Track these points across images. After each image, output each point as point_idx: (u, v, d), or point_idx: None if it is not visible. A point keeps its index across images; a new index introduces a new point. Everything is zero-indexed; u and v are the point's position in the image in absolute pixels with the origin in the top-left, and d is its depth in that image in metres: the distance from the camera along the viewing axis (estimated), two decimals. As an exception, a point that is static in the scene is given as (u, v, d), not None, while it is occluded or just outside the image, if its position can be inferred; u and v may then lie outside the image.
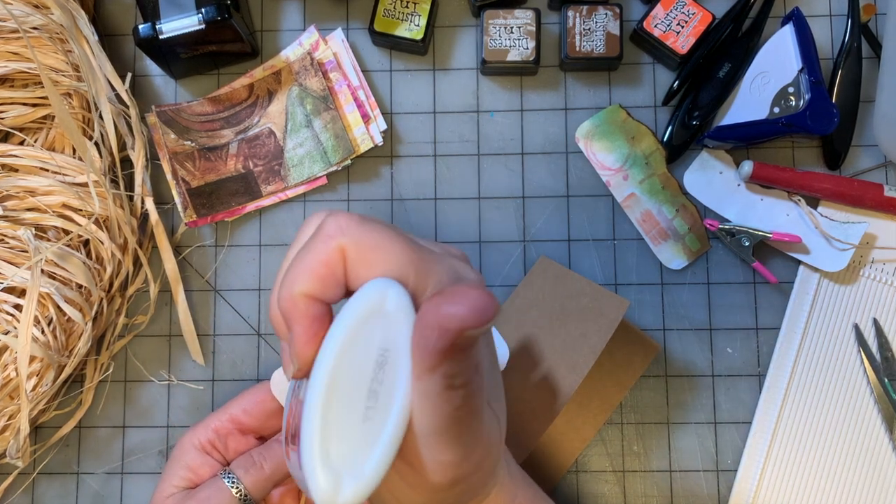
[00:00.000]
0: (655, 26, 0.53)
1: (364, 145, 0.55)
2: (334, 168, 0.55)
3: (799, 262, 0.54)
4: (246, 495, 0.39)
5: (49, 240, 0.51)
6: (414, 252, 0.26)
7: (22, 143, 0.54)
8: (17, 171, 0.53)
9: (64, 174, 0.52)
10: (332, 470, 0.24)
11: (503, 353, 0.47)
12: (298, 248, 0.27)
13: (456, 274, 0.28)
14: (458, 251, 0.30)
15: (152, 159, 0.56)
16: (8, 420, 0.50)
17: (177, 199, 0.55)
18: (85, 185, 0.52)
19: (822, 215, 0.53)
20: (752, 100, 0.53)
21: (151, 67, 0.57)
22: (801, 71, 0.51)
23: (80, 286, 0.51)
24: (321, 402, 0.25)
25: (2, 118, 0.53)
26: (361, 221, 0.26)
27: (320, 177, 0.55)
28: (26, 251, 0.51)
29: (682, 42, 0.53)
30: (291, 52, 0.56)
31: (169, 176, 0.55)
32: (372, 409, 0.25)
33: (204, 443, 0.41)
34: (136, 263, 0.55)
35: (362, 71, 0.56)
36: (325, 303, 0.26)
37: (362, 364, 0.25)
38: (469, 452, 0.26)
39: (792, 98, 0.51)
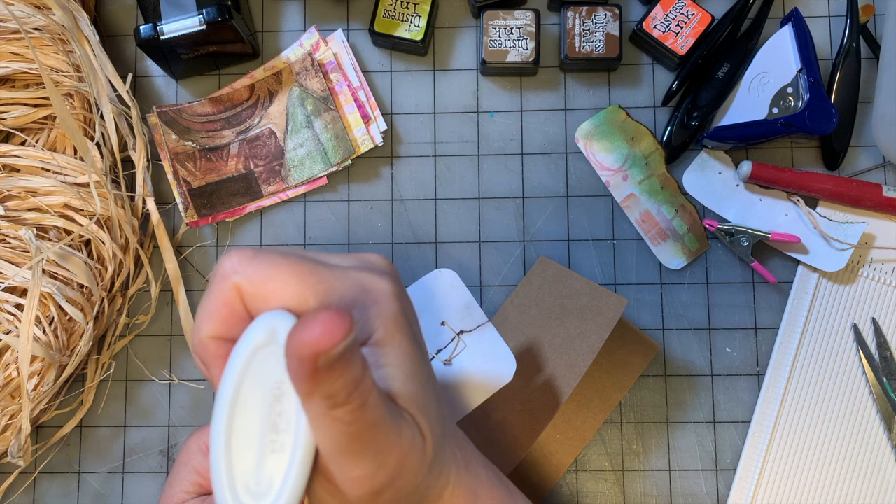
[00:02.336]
0: (655, 27, 0.53)
1: (364, 146, 0.55)
2: (335, 168, 0.55)
3: (798, 262, 0.54)
4: None
5: (50, 240, 0.52)
6: (313, 276, 0.27)
7: (23, 143, 0.54)
8: (18, 171, 0.53)
9: (65, 174, 0.52)
10: None
11: (510, 366, 0.47)
12: None
13: (360, 285, 0.28)
14: (377, 260, 0.31)
15: (153, 160, 0.56)
16: (9, 419, 0.50)
17: (178, 200, 0.55)
18: (86, 185, 0.52)
19: (820, 215, 0.53)
20: (751, 100, 0.53)
21: (152, 68, 0.58)
22: (800, 71, 0.51)
23: (82, 286, 0.52)
24: (223, 443, 0.26)
25: (3, 118, 0.53)
26: (253, 256, 0.27)
27: (321, 177, 0.55)
28: (28, 251, 0.51)
29: (681, 43, 0.53)
30: (292, 53, 0.57)
31: (170, 176, 0.55)
32: (275, 441, 0.26)
33: None
34: (138, 263, 0.55)
35: (363, 71, 0.56)
36: (234, 341, 0.27)
37: (260, 399, 0.26)
38: (381, 462, 0.26)
39: (791, 98, 0.52)
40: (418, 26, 0.54)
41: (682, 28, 0.53)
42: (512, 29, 0.54)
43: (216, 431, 0.26)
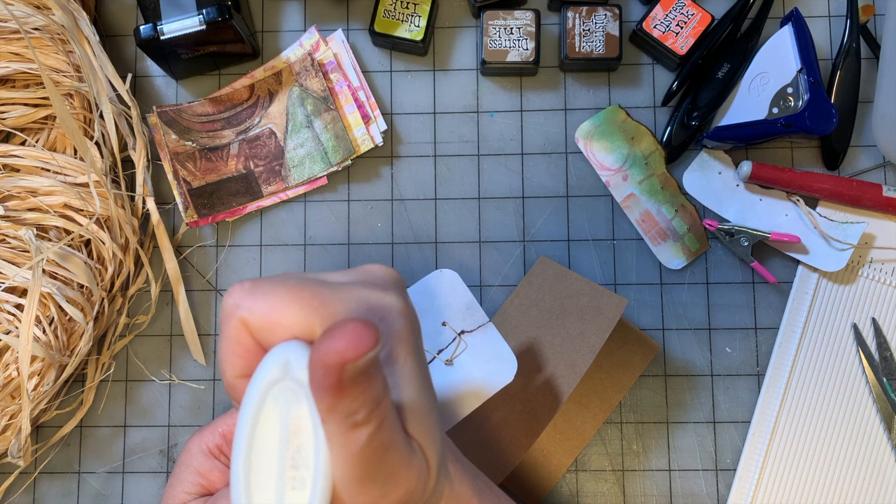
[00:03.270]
0: (655, 27, 0.53)
1: (364, 146, 0.55)
2: (335, 168, 0.55)
3: (798, 262, 0.54)
4: None
5: (50, 240, 0.51)
6: (316, 300, 0.26)
7: (23, 143, 0.54)
8: (18, 171, 0.53)
9: (65, 174, 0.52)
10: None
11: (511, 366, 0.47)
12: None
13: (366, 304, 0.28)
14: (382, 272, 0.30)
15: (153, 159, 0.56)
16: (9, 419, 0.50)
17: (178, 200, 0.55)
18: (86, 185, 0.52)
19: (820, 215, 0.53)
20: (751, 100, 0.53)
21: (152, 68, 0.58)
22: (800, 71, 0.51)
23: (82, 286, 0.52)
24: (243, 481, 0.26)
25: (3, 118, 0.53)
26: (253, 288, 0.27)
27: (321, 177, 0.55)
28: (28, 251, 0.51)
29: (681, 43, 0.53)
30: (292, 53, 0.57)
31: (170, 176, 0.55)
32: (294, 478, 0.26)
33: (212, 447, 0.41)
34: (138, 263, 0.55)
35: (363, 71, 0.56)
36: None
37: (277, 435, 0.26)
38: (388, 490, 0.26)
39: (791, 98, 0.52)
40: (418, 26, 0.54)
41: (682, 28, 0.53)
42: (512, 29, 0.54)
43: (236, 470, 0.26)
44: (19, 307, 0.52)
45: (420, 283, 0.51)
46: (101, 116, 0.51)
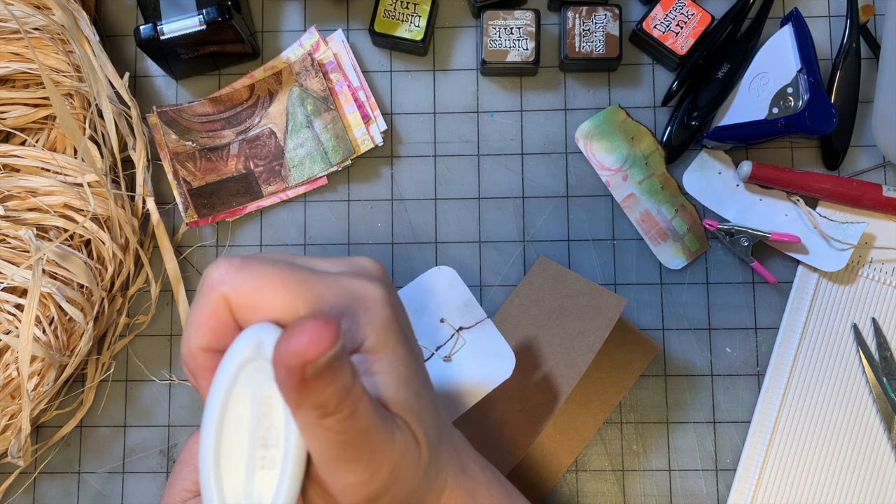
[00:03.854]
0: (655, 27, 0.53)
1: (364, 145, 0.55)
2: (335, 168, 0.55)
3: (798, 262, 0.54)
4: None
5: (50, 240, 0.52)
6: (302, 285, 0.27)
7: (23, 143, 0.54)
8: (18, 171, 0.53)
9: (65, 174, 0.52)
10: None
11: (509, 362, 0.47)
12: None
13: (350, 292, 0.28)
14: (368, 264, 0.30)
15: (153, 160, 0.56)
16: (9, 419, 0.50)
17: (178, 200, 0.55)
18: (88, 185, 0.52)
19: (820, 215, 0.53)
20: (751, 100, 0.53)
21: (152, 68, 0.58)
22: (800, 71, 0.51)
23: (82, 286, 0.52)
24: (212, 459, 0.26)
25: (3, 118, 0.53)
26: (242, 266, 0.27)
27: (321, 177, 0.55)
28: (28, 251, 0.51)
29: (681, 43, 0.53)
30: (292, 53, 0.57)
31: (170, 176, 0.55)
32: (265, 457, 0.26)
33: None
34: (138, 263, 0.55)
35: (363, 71, 0.56)
36: (223, 351, 0.27)
37: (248, 414, 0.26)
38: (375, 469, 0.26)
39: (791, 98, 0.52)
40: (418, 26, 0.54)
41: (682, 28, 0.53)
42: (512, 29, 0.54)
43: (205, 448, 0.26)
44: (19, 307, 0.52)
45: (417, 281, 0.51)
46: (101, 116, 0.51)
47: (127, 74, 0.53)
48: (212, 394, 0.26)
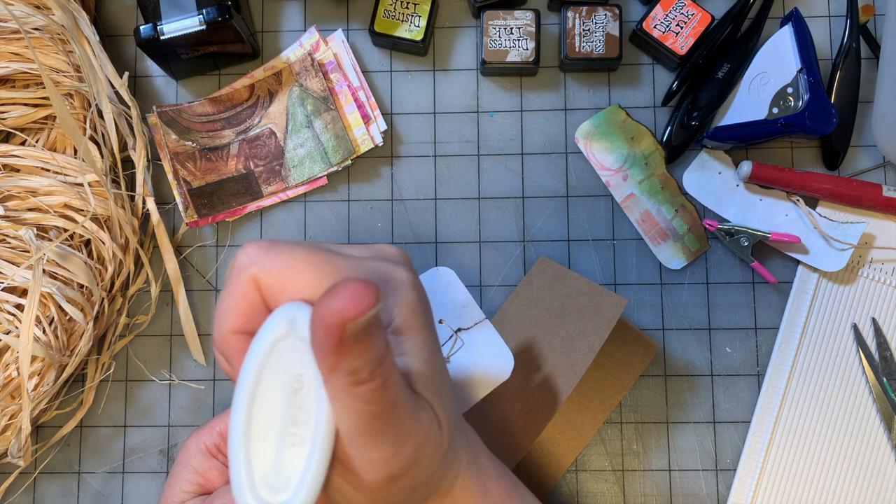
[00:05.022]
0: (655, 27, 0.53)
1: (364, 146, 0.55)
2: (335, 168, 0.55)
3: (798, 262, 0.54)
4: None
5: (50, 240, 0.52)
6: (329, 265, 0.27)
7: (23, 143, 0.54)
8: (18, 171, 0.53)
9: (65, 174, 0.52)
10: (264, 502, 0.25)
11: (508, 363, 0.47)
12: None
13: (379, 276, 0.28)
14: (393, 251, 0.31)
15: (153, 160, 0.56)
16: (9, 419, 0.50)
17: (178, 200, 0.55)
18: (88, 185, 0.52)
19: (820, 215, 0.53)
20: (751, 100, 0.53)
21: (152, 68, 0.58)
22: (799, 71, 0.51)
23: (82, 286, 0.52)
24: (242, 436, 0.26)
25: (3, 118, 0.53)
26: (270, 247, 0.27)
27: (321, 177, 0.55)
28: (28, 251, 0.51)
29: (681, 43, 0.53)
30: (292, 53, 0.57)
31: (170, 176, 0.55)
32: (295, 435, 0.26)
33: (210, 446, 0.41)
34: (138, 263, 0.55)
35: (362, 71, 0.56)
36: (254, 334, 0.27)
37: (279, 392, 0.26)
38: (399, 446, 0.26)
39: (791, 98, 0.52)
40: (418, 26, 0.54)
41: (682, 28, 0.53)
42: (512, 29, 0.54)
43: (235, 425, 0.26)
44: (19, 307, 0.52)
45: (420, 283, 0.51)
46: (101, 116, 0.51)
47: (126, 74, 0.53)
48: (244, 371, 0.26)
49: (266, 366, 0.26)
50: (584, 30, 0.53)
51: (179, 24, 0.50)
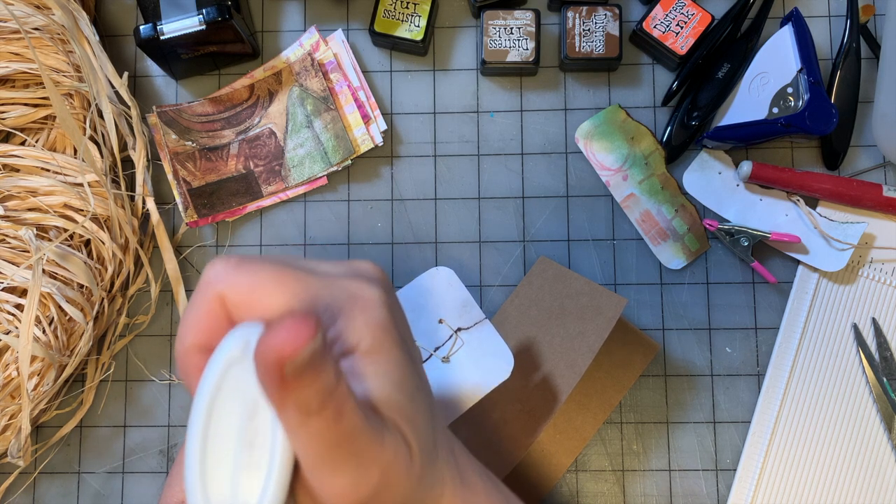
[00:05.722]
0: (655, 27, 0.53)
1: (364, 145, 0.55)
2: (335, 168, 0.55)
3: (798, 262, 0.54)
4: None
5: (50, 240, 0.52)
6: (298, 284, 0.26)
7: (23, 143, 0.54)
8: (18, 171, 0.53)
9: (65, 174, 0.52)
10: None
11: (507, 362, 0.47)
12: None
13: (348, 295, 0.27)
14: (367, 267, 0.30)
15: (153, 160, 0.56)
16: (9, 419, 0.50)
17: (178, 200, 0.55)
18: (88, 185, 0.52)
19: (820, 215, 0.53)
20: (751, 100, 0.53)
21: (152, 68, 0.58)
22: (800, 71, 0.51)
23: (82, 286, 0.52)
24: (198, 460, 0.25)
25: (3, 118, 0.53)
26: (238, 264, 0.27)
27: (321, 177, 0.55)
28: (28, 251, 0.51)
29: (681, 42, 0.53)
30: (292, 53, 0.57)
31: (170, 176, 0.55)
32: (251, 458, 0.25)
33: None
34: (138, 263, 0.55)
35: (362, 71, 0.56)
36: None
37: (235, 415, 0.25)
38: (362, 473, 0.26)
39: (791, 98, 0.52)
40: (418, 26, 0.54)
41: (682, 28, 0.53)
42: (512, 29, 0.54)
43: (191, 448, 0.25)
44: (19, 307, 0.52)
45: (416, 281, 0.51)
46: (101, 116, 0.51)
47: (126, 74, 0.53)
48: (199, 393, 0.26)
49: (221, 388, 0.25)
50: (584, 30, 0.53)
51: (179, 24, 0.50)
